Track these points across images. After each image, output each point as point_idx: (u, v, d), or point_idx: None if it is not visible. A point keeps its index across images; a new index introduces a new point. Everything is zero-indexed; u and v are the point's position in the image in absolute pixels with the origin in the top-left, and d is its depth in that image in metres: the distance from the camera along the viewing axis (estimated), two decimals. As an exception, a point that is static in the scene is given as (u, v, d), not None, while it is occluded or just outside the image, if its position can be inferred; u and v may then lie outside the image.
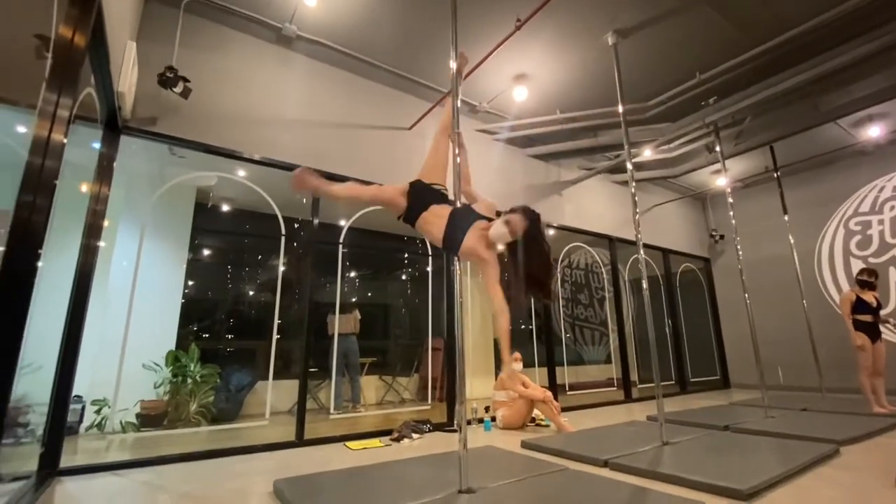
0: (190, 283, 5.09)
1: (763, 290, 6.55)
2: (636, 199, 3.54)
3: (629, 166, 3.58)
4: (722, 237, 7.44)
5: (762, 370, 4.23)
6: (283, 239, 3.90)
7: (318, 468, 2.64)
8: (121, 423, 3.77)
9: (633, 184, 3.57)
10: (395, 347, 6.74)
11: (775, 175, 5.95)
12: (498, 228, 2.10)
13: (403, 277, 7.32)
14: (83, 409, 3.99)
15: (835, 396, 5.30)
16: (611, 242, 6.23)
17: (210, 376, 4.26)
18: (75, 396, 3.96)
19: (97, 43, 2.21)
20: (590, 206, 6.03)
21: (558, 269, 6.19)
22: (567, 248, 6.15)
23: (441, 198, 2.26)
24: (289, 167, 3.72)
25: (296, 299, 4.86)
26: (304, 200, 3.95)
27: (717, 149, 4.88)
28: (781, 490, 2.12)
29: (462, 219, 2.15)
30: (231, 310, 5.78)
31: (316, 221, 3.77)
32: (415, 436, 3.54)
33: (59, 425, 2.70)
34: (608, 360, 6.40)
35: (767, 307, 6.53)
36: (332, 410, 4.90)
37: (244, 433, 3.83)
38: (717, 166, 5.19)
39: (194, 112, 3.35)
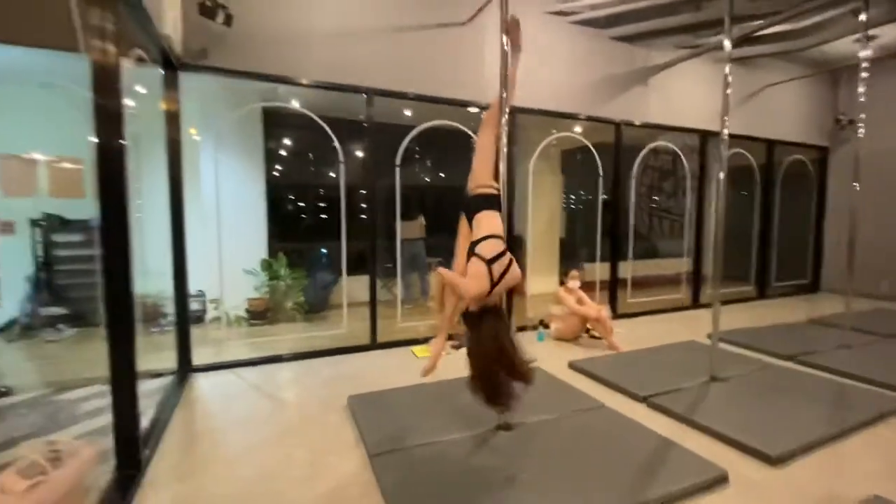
0: (271, 194, 5.51)
1: (890, 189, 5.56)
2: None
3: (727, 44, 3.02)
4: (850, 122, 6.12)
5: (852, 277, 3.83)
6: (340, 154, 3.97)
7: (388, 377, 3.13)
8: (231, 315, 4.60)
9: (728, 65, 3.03)
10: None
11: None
12: None
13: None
14: (205, 302, 4.87)
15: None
16: (703, 138, 5.47)
17: (298, 279, 4.90)
18: (199, 290, 4.85)
19: None
20: (682, 94, 5.17)
21: (636, 163, 5.67)
22: (651, 145, 5.53)
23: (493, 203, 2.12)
24: (337, 88, 3.61)
25: (364, 205, 5.13)
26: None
27: (863, 17, 3.74)
28: (818, 455, 2.14)
29: None
30: (311, 215, 6.30)
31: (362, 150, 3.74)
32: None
33: (185, 328, 3.37)
34: (684, 255, 6.13)
35: (890, 208, 5.62)
36: (404, 304, 5.51)
37: (330, 328, 4.48)
38: (860, 35, 4.05)
39: (241, 39, 3.24)
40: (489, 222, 2.05)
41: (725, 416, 2.47)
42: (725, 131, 3.06)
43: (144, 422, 2.33)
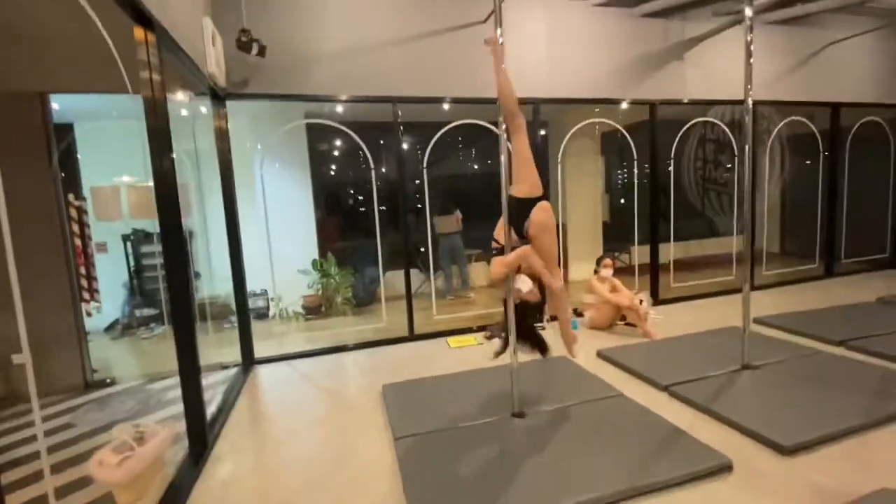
0: (320, 198, 5.97)
1: None
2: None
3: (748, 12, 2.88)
4: (938, 74, 5.40)
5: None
6: (370, 161, 4.24)
7: (422, 366, 3.40)
8: (288, 311, 5.11)
9: (748, 26, 2.93)
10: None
11: None
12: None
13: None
14: (269, 300, 5.43)
15: None
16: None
17: (345, 276, 5.30)
18: (262, 290, 5.43)
19: (169, 44, 2.51)
20: (724, 65, 4.86)
21: (677, 140, 5.42)
22: (694, 121, 5.28)
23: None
24: (363, 100, 3.87)
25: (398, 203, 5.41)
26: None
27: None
28: (839, 446, 2.10)
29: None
30: (354, 215, 6.73)
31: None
32: (503, 334, 4.07)
33: (246, 324, 3.84)
34: (736, 233, 5.80)
35: None
36: (445, 297, 5.78)
37: (375, 321, 4.84)
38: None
39: (275, 66, 3.56)
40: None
41: (746, 406, 2.46)
42: (749, 100, 2.93)
43: (213, 407, 2.78)
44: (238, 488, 2.07)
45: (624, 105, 4.67)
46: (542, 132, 5.98)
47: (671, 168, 5.32)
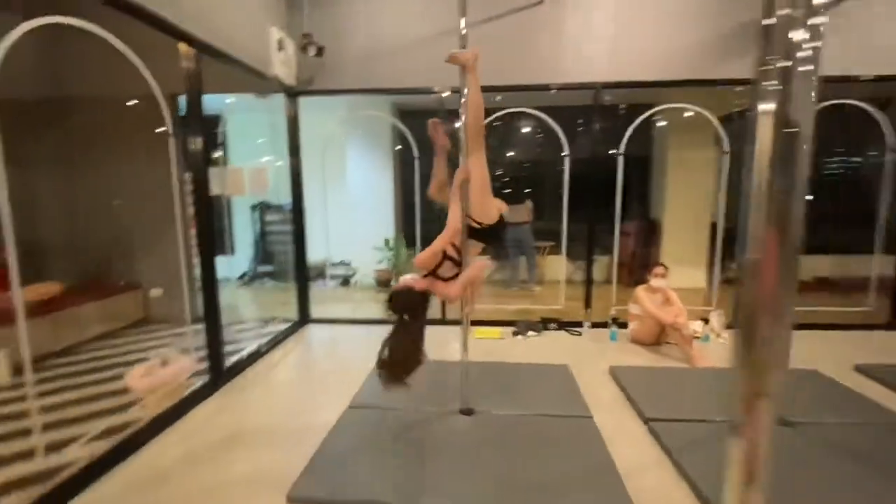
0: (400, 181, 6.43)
1: None
2: None
3: None
4: None
5: None
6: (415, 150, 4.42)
7: (439, 349, 3.56)
8: (362, 282, 5.75)
9: None
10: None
11: None
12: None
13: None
14: (350, 270, 6.18)
15: None
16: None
17: (412, 255, 5.69)
18: (344, 260, 6.21)
19: (216, 53, 3.09)
20: (873, 30, 3.62)
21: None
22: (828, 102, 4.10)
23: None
24: (412, 91, 4.07)
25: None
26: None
27: None
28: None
29: None
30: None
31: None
32: (530, 333, 3.95)
33: (304, 286, 4.51)
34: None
35: None
36: (509, 287, 5.73)
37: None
38: None
39: (336, 63, 3.99)
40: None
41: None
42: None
43: (246, 351, 3.44)
44: (222, 415, 2.61)
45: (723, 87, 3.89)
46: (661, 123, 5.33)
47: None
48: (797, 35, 0.49)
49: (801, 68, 0.49)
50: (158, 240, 4.11)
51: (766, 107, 0.52)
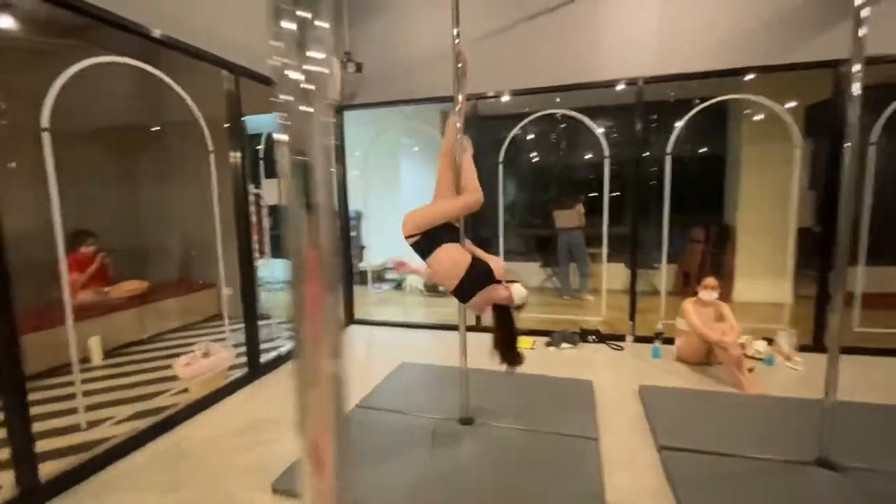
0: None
1: None
2: None
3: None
4: None
5: None
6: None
7: (450, 355, 3.56)
8: (412, 286, 5.90)
9: None
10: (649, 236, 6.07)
11: None
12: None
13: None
14: (404, 276, 6.38)
15: None
16: None
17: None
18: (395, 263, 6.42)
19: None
20: None
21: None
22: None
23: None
24: (440, 100, 4.12)
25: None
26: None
27: None
28: None
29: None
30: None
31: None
32: (564, 345, 3.75)
33: (350, 291, 4.76)
34: None
35: None
36: (562, 296, 5.49)
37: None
38: None
39: (376, 77, 4.18)
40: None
41: (738, 507, 1.76)
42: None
43: (286, 347, 3.73)
44: (250, 404, 2.88)
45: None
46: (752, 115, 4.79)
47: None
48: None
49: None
50: (230, 244, 4.64)
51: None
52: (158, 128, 4.71)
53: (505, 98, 3.96)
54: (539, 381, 3.03)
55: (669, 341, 3.54)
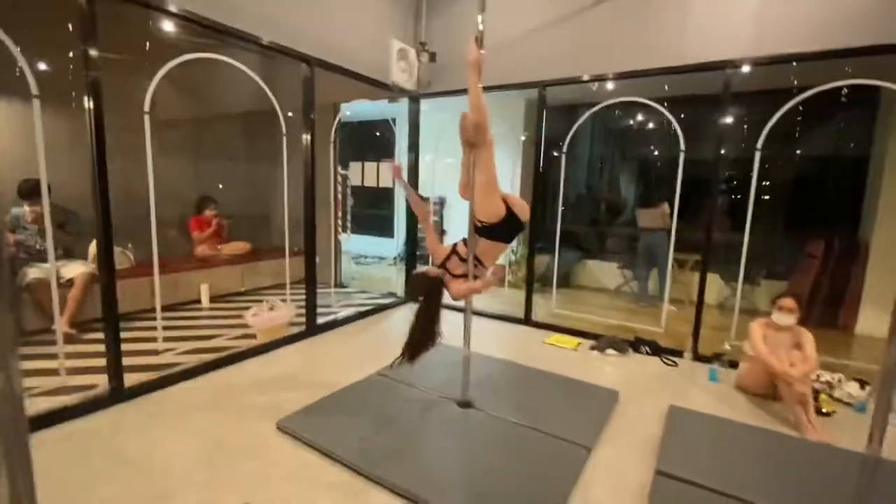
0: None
1: None
2: None
3: None
4: None
5: None
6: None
7: (490, 344, 3.59)
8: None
9: None
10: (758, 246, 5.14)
11: None
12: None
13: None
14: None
15: None
16: None
17: (523, 255, 5.60)
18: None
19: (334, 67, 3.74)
20: None
21: None
22: None
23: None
24: (508, 87, 4.05)
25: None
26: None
27: None
28: None
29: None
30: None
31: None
32: (609, 352, 3.50)
33: (410, 271, 5.01)
34: None
35: None
36: (638, 303, 5.05)
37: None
38: None
39: (451, 66, 4.28)
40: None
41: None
42: None
43: (342, 314, 4.14)
44: (295, 356, 3.30)
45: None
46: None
47: None
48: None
49: None
50: (323, 219, 5.23)
51: None
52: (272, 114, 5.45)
53: (610, 85, 3.75)
54: (561, 381, 2.92)
55: (735, 365, 3.09)
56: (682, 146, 3.48)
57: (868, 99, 4.23)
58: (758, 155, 3.20)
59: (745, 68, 3.09)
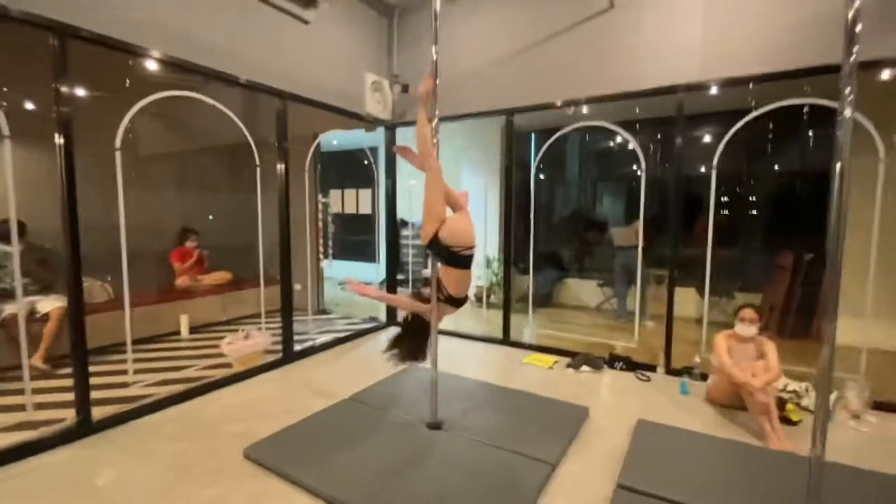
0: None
1: None
2: None
3: None
4: None
5: None
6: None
7: (486, 371, 3.61)
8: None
9: None
10: (734, 260, 5.25)
11: None
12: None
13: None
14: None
15: None
16: None
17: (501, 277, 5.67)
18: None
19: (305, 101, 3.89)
20: None
21: None
22: None
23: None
24: (474, 115, 4.21)
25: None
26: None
27: None
28: None
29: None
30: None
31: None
32: (584, 369, 3.53)
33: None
34: None
35: None
36: (619, 320, 5.11)
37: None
38: None
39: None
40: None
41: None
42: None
43: (320, 340, 4.15)
44: (270, 385, 3.30)
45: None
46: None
47: None
48: None
49: None
50: (302, 247, 5.30)
51: None
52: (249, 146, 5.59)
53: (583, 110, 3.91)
54: (533, 400, 2.94)
55: (706, 378, 3.13)
56: (643, 166, 3.61)
57: (827, 116, 4.42)
58: (714, 173, 3.33)
59: (693, 92, 3.25)
